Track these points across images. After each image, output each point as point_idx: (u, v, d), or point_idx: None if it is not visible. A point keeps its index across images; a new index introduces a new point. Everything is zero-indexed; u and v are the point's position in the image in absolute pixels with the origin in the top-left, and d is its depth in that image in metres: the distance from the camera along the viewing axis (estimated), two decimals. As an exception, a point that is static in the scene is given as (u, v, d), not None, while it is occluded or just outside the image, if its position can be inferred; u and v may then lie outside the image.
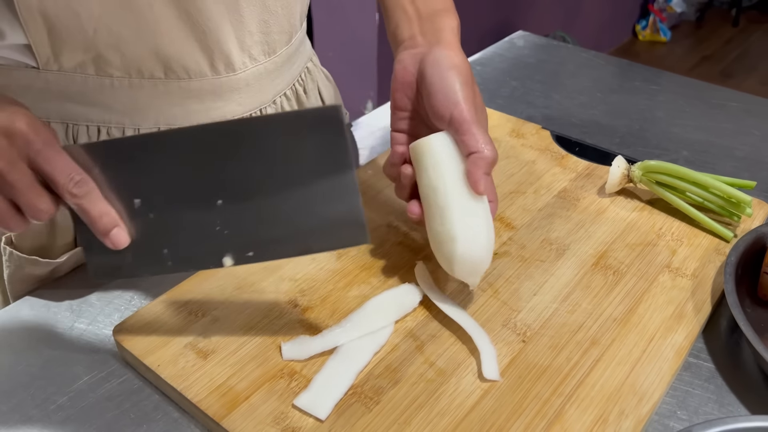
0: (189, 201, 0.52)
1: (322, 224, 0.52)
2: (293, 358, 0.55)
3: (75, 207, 0.50)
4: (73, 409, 0.54)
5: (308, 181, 0.51)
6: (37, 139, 0.48)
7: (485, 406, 0.52)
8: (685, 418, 0.53)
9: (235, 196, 0.51)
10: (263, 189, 0.51)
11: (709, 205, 0.70)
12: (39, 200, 0.48)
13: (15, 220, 0.49)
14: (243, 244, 0.52)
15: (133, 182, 0.51)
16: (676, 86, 1.04)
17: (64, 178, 0.48)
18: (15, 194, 0.48)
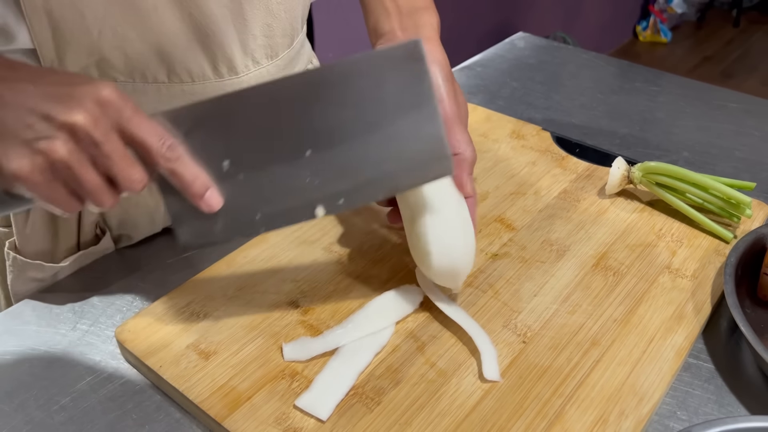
0: (277, 156, 0.51)
1: (408, 160, 0.52)
2: (295, 359, 0.56)
3: (168, 172, 0.49)
4: (76, 409, 0.54)
5: (392, 118, 0.51)
6: (127, 106, 0.47)
7: (486, 406, 0.52)
8: (685, 419, 0.54)
9: (323, 144, 0.51)
10: (349, 133, 0.51)
11: (708, 206, 0.70)
12: (133, 170, 0.47)
13: (108, 195, 0.48)
14: (333, 192, 0.52)
15: (219, 144, 0.51)
16: (676, 87, 1.04)
17: (157, 142, 0.48)
18: (110, 165, 0.47)
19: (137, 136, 0.47)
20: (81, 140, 0.45)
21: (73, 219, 0.66)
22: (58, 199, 0.47)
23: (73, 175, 0.46)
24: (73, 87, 0.46)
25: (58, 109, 0.45)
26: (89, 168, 0.46)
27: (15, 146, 0.45)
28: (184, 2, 0.59)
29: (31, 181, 0.45)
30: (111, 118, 0.46)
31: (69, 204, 0.48)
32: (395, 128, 0.52)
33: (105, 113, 0.46)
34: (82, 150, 0.45)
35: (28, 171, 0.45)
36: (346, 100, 0.51)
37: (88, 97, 0.45)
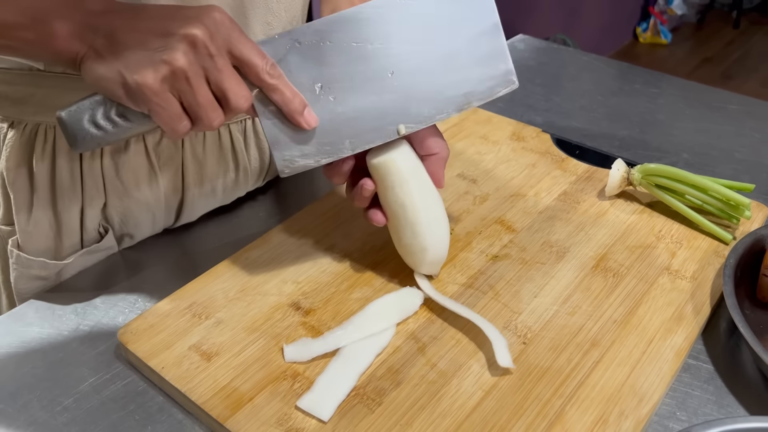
0: (363, 78, 0.56)
1: (476, 76, 0.58)
2: (295, 360, 0.56)
3: (269, 89, 0.53)
4: (79, 410, 0.55)
5: (462, 38, 0.57)
6: (235, 26, 0.51)
7: (486, 407, 0.52)
8: (685, 419, 0.54)
9: (403, 66, 0.57)
10: (425, 53, 0.57)
11: (708, 207, 0.70)
12: (241, 86, 0.51)
13: (217, 112, 0.51)
14: (413, 110, 0.57)
15: (310, 70, 0.55)
16: (676, 89, 1.04)
17: (261, 60, 0.51)
18: (222, 79, 0.50)
19: (245, 55, 0.51)
20: (199, 51, 0.49)
21: (75, 217, 0.67)
22: (172, 114, 0.50)
23: (190, 88, 0.49)
24: (187, 9, 0.50)
25: (178, 24, 0.49)
26: (204, 81, 0.50)
27: (139, 58, 0.48)
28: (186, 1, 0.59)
29: (152, 90, 0.48)
30: (222, 36, 0.50)
31: (180, 121, 0.51)
32: (465, 47, 0.57)
33: (218, 30, 0.49)
34: (198, 62, 0.49)
35: (152, 80, 0.48)
36: (422, 24, 0.56)
37: (203, 15, 0.49)
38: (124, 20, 0.50)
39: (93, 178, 0.66)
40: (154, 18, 0.50)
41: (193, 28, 0.49)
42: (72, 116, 0.51)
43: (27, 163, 0.64)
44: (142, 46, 0.49)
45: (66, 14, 0.50)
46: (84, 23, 0.50)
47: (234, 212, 0.77)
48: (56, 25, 0.50)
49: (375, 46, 0.56)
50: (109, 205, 0.68)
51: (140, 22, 0.50)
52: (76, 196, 0.66)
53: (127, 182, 0.67)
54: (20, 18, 0.50)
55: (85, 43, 0.50)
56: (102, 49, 0.49)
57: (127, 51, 0.49)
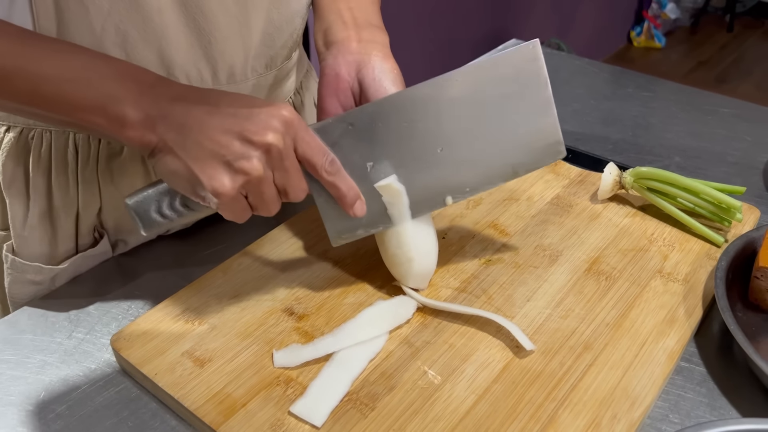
0: (413, 155, 0.58)
1: (527, 148, 0.59)
2: (284, 365, 0.56)
3: (327, 185, 0.55)
4: (72, 417, 0.55)
5: (513, 112, 0.58)
6: (300, 124, 0.52)
7: (479, 411, 0.52)
8: (677, 422, 0.54)
9: (453, 142, 0.58)
10: (475, 129, 0.58)
11: (700, 210, 0.71)
12: (302, 181, 0.54)
13: (278, 205, 0.53)
14: (461, 182, 0.60)
15: (364, 149, 0.57)
16: (668, 93, 1.05)
17: (322, 159, 0.54)
18: (287, 178, 0.52)
19: (308, 154, 0.53)
20: (272, 158, 0.50)
21: (70, 222, 0.67)
22: (238, 210, 0.52)
23: (259, 190, 0.51)
24: (259, 108, 0.51)
25: (253, 129, 0.49)
26: (272, 183, 0.52)
27: (216, 165, 0.49)
28: (189, 7, 0.59)
29: (227, 196, 0.50)
30: (291, 137, 0.51)
31: (244, 214, 0.53)
32: (515, 121, 0.58)
33: (288, 132, 0.51)
34: (270, 167, 0.51)
35: (229, 188, 0.50)
36: (473, 101, 0.57)
37: (274, 118, 0.50)
38: (197, 113, 0.50)
39: (88, 184, 0.66)
40: (227, 116, 0.50)
41: (268, 134, 0.50)
42: (139, 206, 0.54)
43: (23, 168, 0.64)
44: (218, 149, 0.49)
45: (138, 102, 0.50)
46: (156, 114, 0.50)
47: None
48: (128, 112, 0.50)
49: (426, 125, 0.57)
50: (104, 211, 0.68)
51: (214, 119, 0.49)
52: (71, 201, 0.66)
53: (123, 188, 0.67)
54: (91, 102, 0.50)
55: (156, 136, 0.50)
56: (175, 146, 0.49)
57: (203, 153, 0.49)
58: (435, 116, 0.57)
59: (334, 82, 0.61)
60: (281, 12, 0.66)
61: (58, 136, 0.63)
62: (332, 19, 0.65)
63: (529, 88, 0.58)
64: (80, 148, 0.64)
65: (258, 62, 0.67)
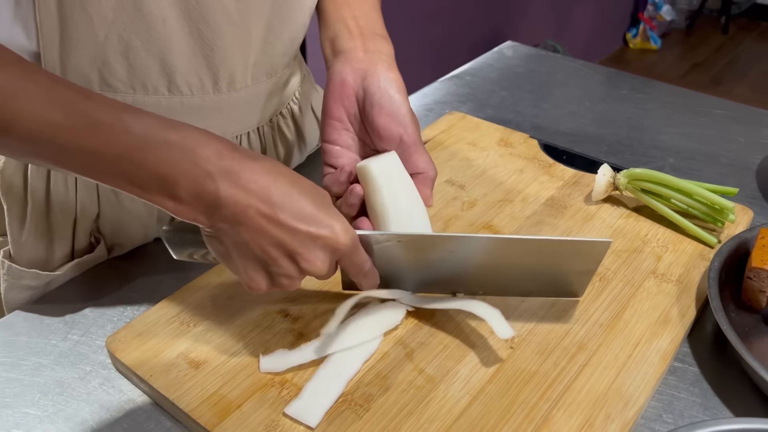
0: (443, 273, 0.60)
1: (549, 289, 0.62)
2: (270, 370, 0.56)
3: (357, 282, 0.56)
4: (66, 420, 0.55)
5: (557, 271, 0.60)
6: (352, 250, 0.52)
7: (474, 411, 0.53)
8: (671, 422, 0.54)
9: (478, 288, 0.62)
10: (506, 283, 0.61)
11: (693, 211, 0.71)
12: (330, 274, 0.53)
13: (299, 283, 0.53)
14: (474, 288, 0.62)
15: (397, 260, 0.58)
16: (663, 94, 1.05)
17: (361, 273, 0.55)
18: (317, 274, 0.52)
19: (349, 270, 0.55)
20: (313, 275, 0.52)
21: (68, 228, 0.67)
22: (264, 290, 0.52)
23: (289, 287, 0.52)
24: (317, 227, 0.50)
25: (305, 256, 0.50)
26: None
27: (259, 270, 0.51)
28: (193, 16, 0.59)
29: (259, 293, 0.52)
30: (338, 257, 0.52)
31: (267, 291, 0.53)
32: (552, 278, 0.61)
33: (335, 255, 0.52)
34: None
35: (264, 289, 0.52)
36: (517, 266, 0.59)
37: (328, 248, 0.50)
38: (254, 215, 0.48)
39: (87, 190, 0.66)
40: (284, 230, 0.49)
41: (317, 264, 0.50)
42: (174, 242, 0.56)
43: (22, 174, 0.64)
44: (265, 258, 0.49)
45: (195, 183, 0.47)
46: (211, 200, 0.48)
47: (223, 220, 0.77)
48: (182, 195, 0.48)
49: (470, 266, 0.59)
50: (102, 217, 0.68)
51: (270, 228, 0.48)
52: (69, 207, 0.66)
53: (121, 194, 0.67)
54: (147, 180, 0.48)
55: (210, 221, 0.49)
56: (224, 237, 0.50)
57: (250, 255, 0.50)
58: (486, 265, 0.59)
59: (339, 88, 0.62)
60: (282, 20, 0.67)
61: None
62: (338, 28, 0.65)
63: (584, 260, 0.59)
64: None
65: (258, 70, 0.68)
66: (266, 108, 0.73)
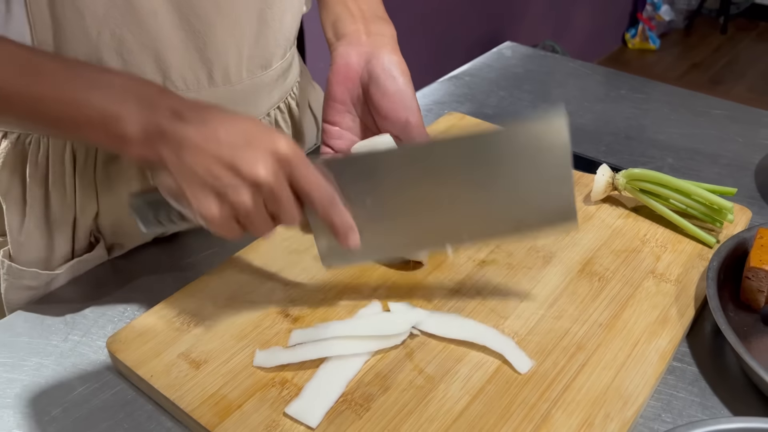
0: (417, 202, 0.57)
1: (534, 208, 0.58)
2: (261, 365, 0.56)
3: (323, 217, 0.54)
4: (68, 420, 0.55)
5: (528, 176, 0.56)
6: (297, 159, 0.52)
7: (473, 411, 0.53)
8: (670, 421, 0.55)
9: (463, 198, 0.57)
10: (487, 186, 0.57)
11: (692, 211, 0.71)
12: (295, 211, 0.53)
13: (269, 228, 0.53)
14: (464, 231, 0.58)
15: (366, 185, 0.56)
16: (661, 95, 1.06)
17: (319, 194, 0.53)
18: (278, 208, 0.52)
19: (305, 189, 0.52)
20: (263, 192, 0.51)
21: (68, 227, 0.67)
22: (228, 231, 0.52)
23: (248, 218, 0.52)
24: (256, 139, 0.50)
25: (244, 161, 0.49)
26: (263, 211, 0.52)
27: (207, 193, 0.50)
28: (183, 9, 0.59)
29: (215, 221, 0.51)
30: (285, 171, 0.51)
31: (235, 234, 0.53)
32: (528, 183, 0.57)
33: (282, 167, 0.51)
34: (261, 199, 0.51)
35: (217, 215, 0.51)
36: (489, 162, 0.56)
37: (268, 152, 0.50)
38: (194, 136, 0.50)
39: (86, 189, 0.66)
40: (223, 144, 0.50)
41: (260, 170, 0.50)
42: (138, 211, 0.56)
43: (20, 174, 0.64)
44: (208, 177, 0.50)
45: (138, 119, 0.50)
46: (154, 130, 0.50)
47: (223, 220, 0.78)
48: (128, 130, 0.50)
49: (435, 179, 0.56)
50: (101, 216, 0.68)
51: (210, 145, 0.50)
52: (69, 207, 0.66)
53: (120, 192, 0.68)
54: (93, 120, 0.51)
55: (155, 152, 0.50)
56: (170, 165, 0.50)
57: (195, 178, 0.50)
58: (446, 174, 0.56)
59: (344, 71, 0.62)
60: (274, 10, 0.67)
61: (55, 142, 0.64)
62: (339, 11, 0.66)
63: (550, 155, 0.56)
64: (77, 154, 0.64)
65: (253, 63, 0.68)
66: (263, 102, 0.73)
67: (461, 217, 0.58)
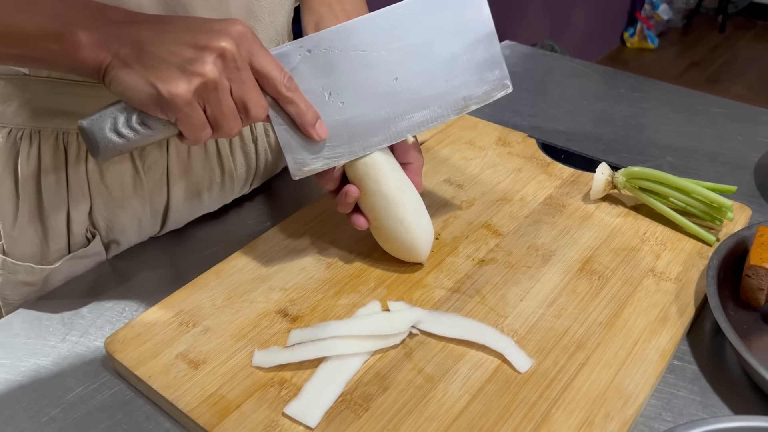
0: (370, 83, 0.60)
1: (474, 80, 0.62)
2: (260, 365, 0.56)
3: (285, 101, 0.55)
4: (66, 420, 0.55)
5: (459, 42, 0.61)
6: (256, 39, 0.53)
7: (473, 410, 0.53)
8: (670, 420, 0.54)
9: (407, 70, 0.60)
10: (426, 59, 0.61)
11: (691, 209, 0.71)
12: (261, 97, 0.54)
13: (237, 122, 0.54)
14: (417, 112, 0.62)
15: (319, 77, 0.58)
16: (660, 93, 1.05)
17: (279, 74, 0.54)
18: (245, 91, 0.52)
19: (265, 68, 0.53)
20: (227, 64, 0.51)
21: (61, 222, 0.67)
22: (198, 123, 0.52)
23: (217, 98, 0.51)
24: (212, 22, 0.52)
25: (206, 38, 0.51)
26: (229, 93, 0.52)
27: (171, 71, 0.50)
28: (169, 1, 0.59)
29: (184, 100, 0.50)
30: (246, 49, 0.52)
31: (204, 129, 0.53)
32: (463, 54, 0.62)
33: (242, 43, 0.52)
34: (226, 74, 0.51)
35: (185, 90, 0.50)
36: (423, 32, 0.60)
37: (228, 29, 0.52)
38: (150, 31, 0.51)
39: (78, 183, 0.66)
40: (181, 30, 0.51)
41: (222, 40, 0.51)
42: (93, 125, 0.52)
43: (12, 168, 0.64)
44: (172, 57, 0.50)
45: (90, 25, 0.51)
46: (109, 33, 0.51)
47: (221, 220, 0.78)
48: (80, 35, 0.50)
49: (379, 54, 0.59)
50: (94, 210, 0.68)
51: (168, 34, 0.51)
52: (61, 201, 0.66)
53: (112, 186, 0.67)
54: (44, 29, 0.51)
55: (110, 53, 0.51)
56: (129, 59, 0.50)
57: (157, 61, 0.50)
58: (387, 45, 0.59)
59: None
60: (263, 4, 0.66)
61: (46, 136, 0.63)
62: (323, 12, 0.66)
63: (473, 22, 0.62)
64: (69, 147, 0.64)
65: None
66: None
67: (412, 98, 0.61)
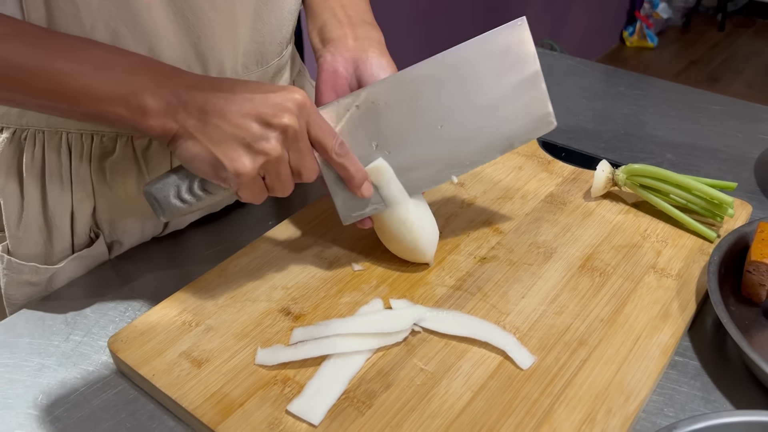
0: (415, 132, 0.62)
1: (519, 120, 0.63)
2: (263, 363, 0.56)
3: (336, 166, 0.58)
4: (70, 420, 0.55)
5: (505, 86, 0.62)
6: (312, 108, 0.55)
7: (476, 407, 0.53)
8: (672, 415, 0.55)
9: (452, 117, 0.62)
10: (471, 103, 0.62)
11: (692, 206, 0.71)
12: (314, 162, 0.56)
13: (291, 185, 0.56)
14: (461, 157, 0.63)
15: (367, 129, 0.61)
16: (660, 91, 1.06)
17: (332, 141, 0.56)
18: (300, 159, 0.54)
19: (320, 137, 0.56)
20: (289, 140, 0.53)
21: (65, 222, 0.67)
22: (257, 191, 0.55)
23: (276, 170, 0.54)
24: (273, 92, 0.53)
25: (270, 112, 0.52)
26: (287, 164, 0.54)
27: (236, 147, 0.52)
28: (177, 3, 0.59)
29: (247, 177, 0.53)
30: (304, 119, 0.54)
31: (261, 195, 0.56)
32: (507, 94, 0.62)
33: (301, 114, 0.54)
34: (287, 148, 0.54)
35: (250, 168, 0.52)
36: (467, 77, 0.61)
37: (289, 101, 0.53)
38: (215, 100, 0.52)
39: (82, 183, 0.66)
40: (244, 101, 0.52)
41: (284, 116, 0.52)
42: (159, 192, 0.56)
43: (16, 168, 0.64)
44: (238, 132, 0.52)
45: (157, 91, 0.52)
46: (175, 101, 0.52)
47: (223, 220, 0.78)
48: (148, 102, 0.52)
49: (425, 103, 0.61)
50: (98, 210, 0.68)
51: (232, 105, 0.52)
52: (65, 201, 0.66)
53: (116, 187, 0.68)
54: (113, 94, 0.52)
55: (177, 122, 0.52)
56: (195, 131, 0.52)
57: (223, 136, 0.52)
58: (433, 94, 0.61)
59: (332, 79, 0.62)
60: (270, 7, 0.67)
61: (50, 136, 0.64)
62: (326, 18, 0.66)
63: (519, 62, 0.62)
64: (73, 148, 0.64)
65: (248, 59, 0.68)
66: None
67: (457, 141, 0.62)
